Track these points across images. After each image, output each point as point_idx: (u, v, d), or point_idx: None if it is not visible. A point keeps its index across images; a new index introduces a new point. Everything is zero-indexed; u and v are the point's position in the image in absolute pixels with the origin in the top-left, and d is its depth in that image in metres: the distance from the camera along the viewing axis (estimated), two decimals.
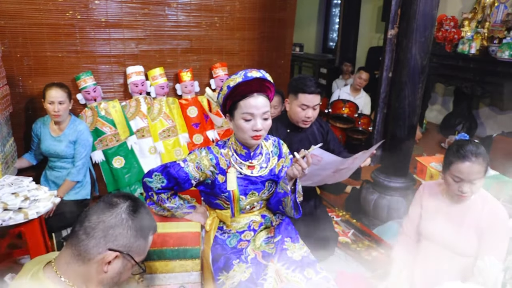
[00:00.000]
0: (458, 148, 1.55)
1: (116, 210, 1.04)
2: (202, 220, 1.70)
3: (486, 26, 4.26)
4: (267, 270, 1.42)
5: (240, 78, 1.43)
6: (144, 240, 1.08)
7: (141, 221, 1.06)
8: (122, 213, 1.04)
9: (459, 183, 1.55)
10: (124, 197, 1.08)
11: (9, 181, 2.00)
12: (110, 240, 1.01)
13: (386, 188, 2.78)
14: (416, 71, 2.53)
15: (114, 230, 1.02)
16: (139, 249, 1.07)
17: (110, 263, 1.01)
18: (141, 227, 1.06)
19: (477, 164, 1.51)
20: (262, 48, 3.55)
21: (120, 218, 1.03)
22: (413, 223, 1.86)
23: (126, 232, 1.03)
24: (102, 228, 1.01)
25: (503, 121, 4.68)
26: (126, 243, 1.03)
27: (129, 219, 1.04)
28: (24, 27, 2.62)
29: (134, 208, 1.07)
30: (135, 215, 1.06)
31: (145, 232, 1.08)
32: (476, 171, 1.51)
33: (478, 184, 1.54)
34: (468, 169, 1.51)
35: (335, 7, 7.60)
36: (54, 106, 2.38)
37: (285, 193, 1.54)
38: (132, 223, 1.04)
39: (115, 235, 1.02)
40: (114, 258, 1.02)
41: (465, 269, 1.63)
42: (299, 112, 2.09)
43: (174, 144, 3.17)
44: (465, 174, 1.52)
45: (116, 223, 1.02)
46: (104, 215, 1.02)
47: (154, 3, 3.00)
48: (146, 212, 1.10)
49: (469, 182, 1.53)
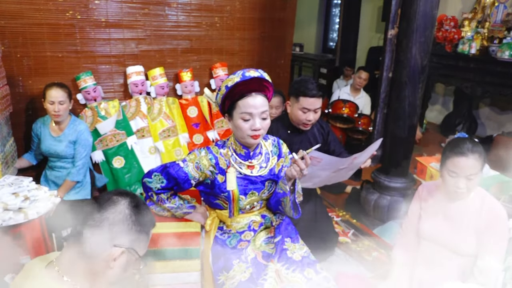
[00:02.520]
0: (455, 144, 1.57)
1: (119, 206, 1.05)
2: (202, 220, 1.70)
3: (486, 26, 4.25)
4: (267, 270, 1.42)
5: (238, 78, 1.43)
6: (146, 235, 1.11)
7: (143, 216, 1.08)
8: (125, 209, 1.05)
9: (455, 178, 1.56)
10: (122, 194, 1.09)
11: (9, 181, 2.00)
12: (116, 236, 1.02)
13: (386, 188, 2.78)
14: (416, 71, 2.53)
15: (119, 226, 1.03)
16: (142, 243, 1.09)
17: (115, 259, 1.02)
18: (144, 222, 1.08)
19: (473, 159, 1.52)
20: (262, 48, 3.55)
21: (124, 214, 1.04)
22: (413, 224, 1.86)
23: (131, 228, 1.04)
24: (107, 225, 1.02)
25: (503, 121, 4.68)
26: (131, 238, 1.05)
27: (132, 215, 1.05)
28: (24, 27, 2.63)
29: (136, 204, 1.08)
30: (137, 210, 1.07)
31: (147, 227, 1.10)
32: (472, 166, 1.52)
33: (474, 181, 1.55)
34: (463, 163, 1.52)
35: (335, 7, 7.60)
36: (54, 106, 2.38)
37: (284, 193, 1.54)
38: (136, 218, 1.06)
39: (120, 231, 1.03)
40: (120, 254, 1.03)
41: (465, 269, 1.63)
42: (300, 115, 2.08)
43: (174, 144, 3.17)
44: (461, 169, 1.53)
45: (120, 220, 1.03)
46: (107, 212, 1.03)
47: (154, 3, 3.00)
48: (146, 207, 1.12)
49: (465, 178, 1.54)
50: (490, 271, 1.53)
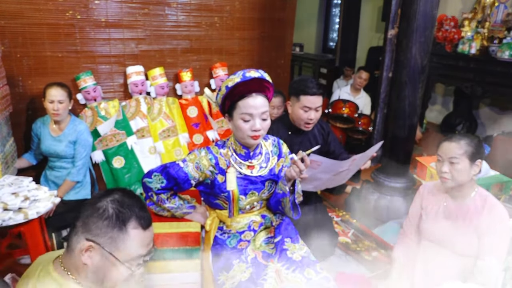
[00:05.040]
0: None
1: (102, 200, 1.01)
2: (202, 220, 1.70)
3: (486, 26, 4.25)
4: (267, 270, 1.42)
5: (239, 78, 1.43)
6: (120, 232, 0.99)
7: (120, 210, 1.00)
8: (105, 203, 1.00)
9: (441, 162, 1.65)
10: (119, 190, 1.05)
11: (9, 181, 2.00)
12: (87, 229, 0.98)
13: (386, 188, 2.78)
14: (416, 71, 2.53)
15: (91, 219, 0.99)
16: (114, 241, 0.99)
17: (87, 253, 0.98)
18: (118, 217, 0.99)
19: (456, 143, 1.61)
20: (262, 48, 3.55)
21: (100, 207, 0.99)
22: (413, 224, 1.86)
23: (102, 222, 0.98)
24: (83, 217, 0.99)
25: (503, 121, 4.68)
26: (99, 233, 0.98)
27: (108, 209, 0.99)
28: (24, 27, 2.62)
29: (120, 198, 1.02)
30: (116, 204, 1.00)
31: (122, 222, 0.99)
32: (454, 149, 1.60)
33: (458, 167, 1.59)
34: (446, 146, 1.63)
35: (335, 7, 7.60)
36: (53, 105, 2.38)
37: (284, 194, 1.54)
38: (111, 212, 0.99)
39: (91, 224, 0.98)
40: (88, 248, 0.98)
41: (465, 269, 1.63)
42: (301, 114, 2.07)
43: (174, 144, 3.17)
44: (443, 151, 1.63)
45: (93, 212, 0.99)
46: (91, 206, 1.00)
47: (154, 3, 3.00)
48: (133, 204, 1.03)
49: (448, 162, 1.61)
50: (490, 271, 1.53)
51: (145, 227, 1.04)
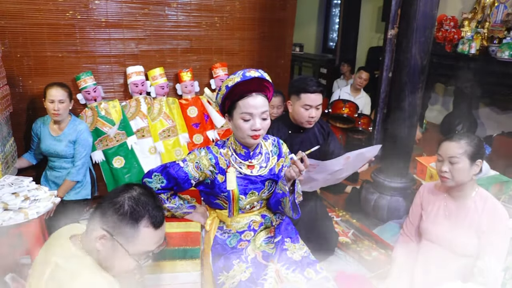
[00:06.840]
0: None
1: (120, 196, 1.07)
2: (202, 220, 1.70)
3: (486, 26, 4.25)
4: (267, 270, 1.42)
5: (239, 78, 1.44)
6: (132, 228, 1.05)
7: (135, 208, 1.06)
8: (122, 198, 1.07)
9: (441, 162, 1.65)
10: (139, 186, 1.12)
11: (9, 181, 2.00)
12: (103, 220, 1.06)
13: (386, 188, 2.78)
14: (416, 71, 2.53)
15: (108, 211, 1.06)
16: (126, 235, 1.05)
17: (100, 241, 1.05)
18: (132, 214, 1.05)
19: (456, 142, 1.61)
20: (262, 48, 3.55)
21: (117, 202, 1.06)
22: (414, 224, 1.86)
23: (117, 216, 1.05)
24: (102, 208, 1.07)
25: (503, 121, 4.68)
26: (113, 225, 1.05)
27: (124, 205, 1.06)
28: (24, 27, 2.62)
29: (137, 196, 1.08)
30: (132, 202, 1.07)
31: (135, 220, 1.05)
32: (454, 149, 1.60)
33: (458, 167, 1.59)
34: (446, 146, 1.63)
35: (335, 7, 7.60)
36: (54, 104, 2.38)
37: (283, 194, 1.54)
38: (126, 209, 1.05)
39: (108, 215, 1.05)
40: (102, 237, 1.05)
41: (465, 269, 1.63)
42: (302, 112, 2.08)
43: (174, 144, 3.17)
44: (443, 151, 1.63)
45: (111, 206, 1.06)
46: (110, 199, 1.07)
47: (154, 3, 3.00)
48: (148, 203, 1.08)
49: (448, 162, 1.61)
50: (490, 271, 1.53)
51: (156, 226, 1.09)
